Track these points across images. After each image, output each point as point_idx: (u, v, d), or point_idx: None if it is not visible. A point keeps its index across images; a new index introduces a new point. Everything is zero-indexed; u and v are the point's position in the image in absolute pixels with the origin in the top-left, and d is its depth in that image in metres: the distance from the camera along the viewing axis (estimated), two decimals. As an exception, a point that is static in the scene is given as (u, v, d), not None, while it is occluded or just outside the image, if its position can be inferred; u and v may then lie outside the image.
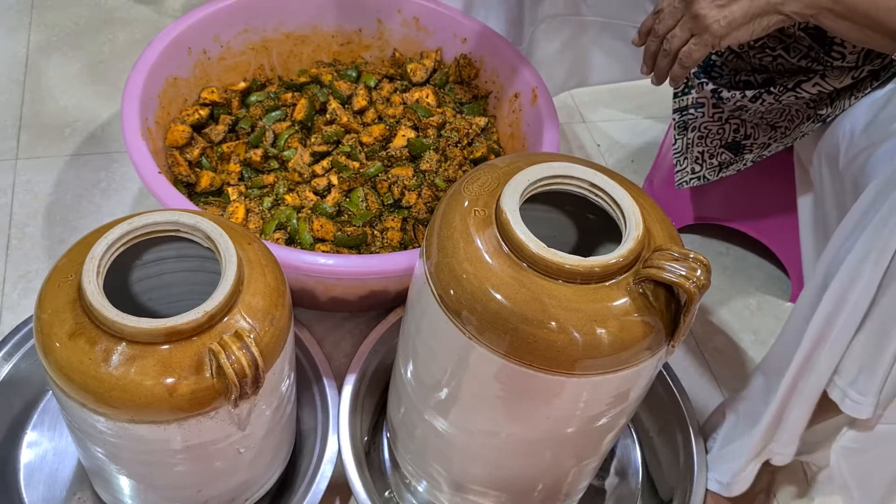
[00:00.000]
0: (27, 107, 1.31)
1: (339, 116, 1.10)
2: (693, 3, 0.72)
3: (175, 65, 1.08)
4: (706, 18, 0.72)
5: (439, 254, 0.67)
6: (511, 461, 0.77)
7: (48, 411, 0.90)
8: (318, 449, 0.85)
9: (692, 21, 0.73)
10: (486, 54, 1.17)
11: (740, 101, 0.87)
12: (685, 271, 0.61)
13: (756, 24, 0.71)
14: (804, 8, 0.69)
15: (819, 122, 0.84)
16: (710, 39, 0.72)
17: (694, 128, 0.96)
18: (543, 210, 0.80)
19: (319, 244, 0.98)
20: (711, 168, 0.97)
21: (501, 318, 0.63)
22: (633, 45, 0.83)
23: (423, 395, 0.76)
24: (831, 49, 0.79)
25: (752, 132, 0.94)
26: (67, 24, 1.47)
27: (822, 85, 0.81)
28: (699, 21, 0.72)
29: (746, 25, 0.71)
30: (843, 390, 0.74)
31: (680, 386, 0.94)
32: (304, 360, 0.91)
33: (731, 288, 1.22)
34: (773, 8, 0.70)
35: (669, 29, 0.76)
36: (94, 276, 0.63)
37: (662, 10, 0.77)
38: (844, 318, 0.70)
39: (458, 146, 1.11)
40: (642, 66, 0.82)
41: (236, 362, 0.61)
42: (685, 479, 0.89)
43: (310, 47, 1.22)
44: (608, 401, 0.69)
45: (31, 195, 1.18)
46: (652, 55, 0.79)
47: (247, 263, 0.68)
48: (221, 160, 1.08)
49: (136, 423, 0.63)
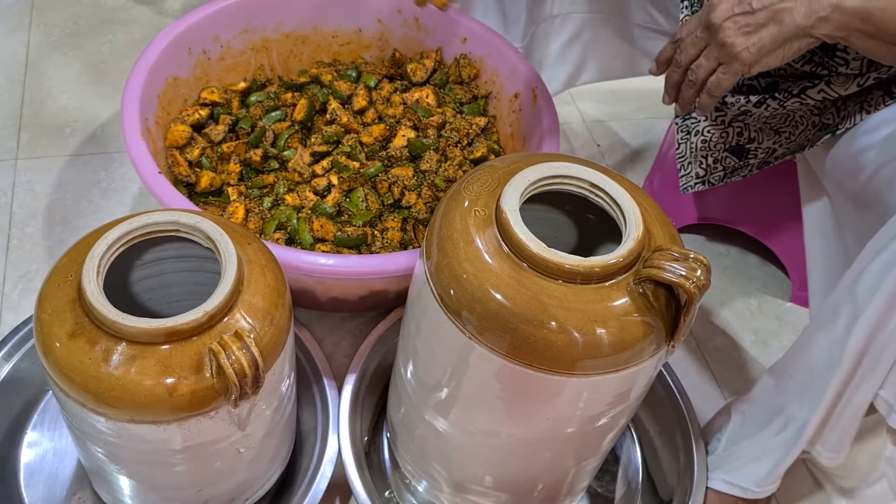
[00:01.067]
0: (27, 107, 1.31)
1: (339, 116, 1.10)
2: (718, 31, 0.70)
3: (175, 65, 1.08)
4: (734, 47, 0.69)
5: (439, 254, 0.67)
6: (511, 461, 0.77)
7: (48, 411, 0.90)
8: (318, 449, 0.85)
9: (719, 50, 0.71)
10: (486, 54, 1.17)
11: (744, 105, 0.86)
12: (685, 271, 0.61)
13: (787, 48, 0.69)
14: (835, 30, 0.67)
15: (827, 132, 0.84)
16: (740, 68, 0.70)
17: (697, 132, 0.96)
18: (543, 210, 0.80)
19: (319, 244, 0.98)
20: (717, 173, 0.97)
21: (501, 318, 0.63)
22: (650, 73, 0.81)
23: (423, 395, 0.76)
24: (834, 55, 0.78)
25: (755, 136, 0.93)
26: (67, 24, 1.47)
27: (827, 92, 0.80)
28: (727, 50, 0.70)
29: (777, 51, 0.69)
30: (890, 404, 0.74)
31: (680, 386, 0.94)
32: (304, 360, 0.91)
33: (731, 288, 1.22)
34: (804, 32, 0.68)
35: (693, 59, 0.74)
36: (94, 276, 0.63)
37: (682, 39, 0.75)
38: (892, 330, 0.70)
39: (458, 146, 1.11)
40: (664, 96, 0.80)
41: (236, 362, 0.61)
42: (685, 479, 0.89)
43: (310, 47, 1.22)
44: (608, 401, 0.69)
45: (31, 195, 1.18)
46: (675, 85, 0.77)
47: (247, 263, 0.68)
48: (221, 160, 1.08)
49: (136, 423, 0.63)
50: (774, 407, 0.83)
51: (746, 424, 0.87)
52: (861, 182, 0.79)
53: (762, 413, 0.85)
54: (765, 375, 0.86)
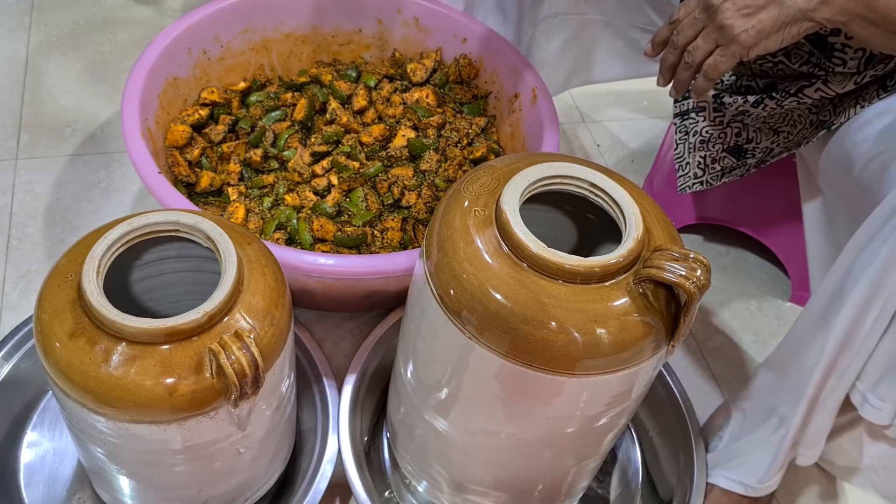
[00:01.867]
0: (27, 107, 1.31)
1: (339, 116, 1.10)
2: (717, 12, 0.69)
3: (175, 65, 1.08)
4: (733, 28, 0.69)
5: (439, 254, 0.67)
6: (511, 461, 0.77)
7: (48, 411, 0.90)
8: (318, 449, 0.85)
9: (717, 32, 0.70)
10: (486, 54, 1.17)
11: (742, 106, 0.86)
12: (685, 271, 0.61)
13: (786, 32, 0.69)
14: (836, 14, 0.67)
15: (824, 128, 0.83)
16: (739, 50, 0.70)
17: (695, 132, 0.96)
18: (543, 210, 0.80)
19: (319, 244, 0.98)
20: (714, 173, 0.97)
21: (501, 319, 0.63)
22: (645, 55, 0.80)
23: (423, 395, 0.76)
24: (832, 55, 0.78)
25: (754, 136, 0.93)
26: (67, 24, 1.47)
27: (824, 90, 0.80)
28: (725, 31, 0.69)
29: (776, 34, 0.69)
30: (864, 395, 0.74)
31: (680, 386, 0.94)
32: (304, 360, 0.91)
33: (731, 288, 1.22)
34: (805, 15, 0.67)
35: (690, 40, 0.73)
36: (94, 276, 0.63)
37: (679, 20, 0.74)
38: (869, 324, 0.70)
39: (458, 146, 1.11)
40: (658, 78, 0.79)
41: (236, 362, 0.61)
42: (685, 479, 0.89)
43: (310, 47, 1.22)
44: (608, 401, 0.69)
45: (31, 195, 1.18)
46: (670, 67, 0.77)
47: (247, 263, 0.68)
48: (221, 160, 1.08)
49: (136, 423, 0.63)
50: (770, 404, 0.83)
51: (747, 421, 0.87)
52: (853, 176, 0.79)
53: (760, 410, 0.85)
54: (761, 370, 0.86)
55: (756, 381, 0.87)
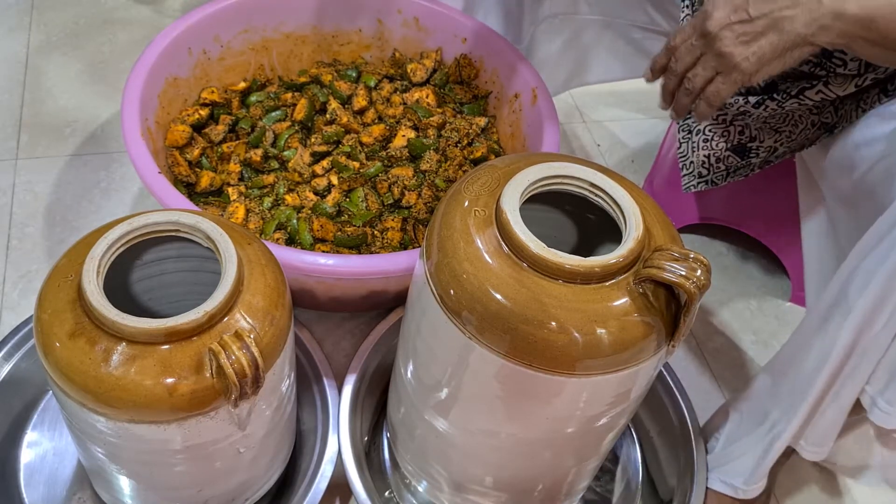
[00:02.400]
0: (27, 107, 1.31)
1: (339, 116, 1.10)
2: (715, 40, 0.68)
3: (175, 65, 1.08)
4: (733, 56, 0.68)
5: (439, 254, 0.67)
6: (511, 461, 0.77)
7: (48, 411, 0.90)
8: (318, 449, 0.85)
9: (716, 59, 0.69)
10: (486, 54, 1.17)
11: (743, 106, 0.86)
12: (685, 271, 0.61)
13: (787, 57, 0.68)
14: (836, 38, 0.66)
15: (825, 130, 0.83)
16: (740, 77, 0.69)
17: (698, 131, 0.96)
18: (543, 210, 0.80)
19: (319, 244, 0.98)
20: (719, 172, 0.97)
21: (501, 319, 0.63)
22: (645, 81, 0.79)
23: (423, 395, 0.76)
24: (832, 56, 0.78)
25: (756, 134, 0.93)
26: (67, 24, 1.47)
27: (825, 92, 0.80)
28: (726, 59, 0.69)
29: (777, 60, 0.68)
30: (873, 399, 0.74)
31: (680, 386, 0.94)
32: (304, 360, 0.91)
33: (731, 288, 1.22)
34: (804, 40, 0.66)
35: (688, 67, 0.72)
36: (94, 276, 0.63)
37: (676, 46, 0.73)
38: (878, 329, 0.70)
39: (458, 146, 1.11)
40: (660, 101, 0.79)
41: (236, 362, 0.61)
42: (685, 479, 0.89)
43: (310, 47, 1.22)
44: (608, 401, 0.69)
45: (31, 195, 1.18)
46: (671, 92, 0.76)
47: (247, 263, 0.68)
48: (221, 160, 1.08)
49: (136, 423, 0.63)
50: (766, 407, 0.83)
51: (743, 423, 0.87)
52: (855, 179, 0.79)
53: (756, 412, 0.85)
54: (760, 374, 0.86)
55: (755, 384, 0.87)
